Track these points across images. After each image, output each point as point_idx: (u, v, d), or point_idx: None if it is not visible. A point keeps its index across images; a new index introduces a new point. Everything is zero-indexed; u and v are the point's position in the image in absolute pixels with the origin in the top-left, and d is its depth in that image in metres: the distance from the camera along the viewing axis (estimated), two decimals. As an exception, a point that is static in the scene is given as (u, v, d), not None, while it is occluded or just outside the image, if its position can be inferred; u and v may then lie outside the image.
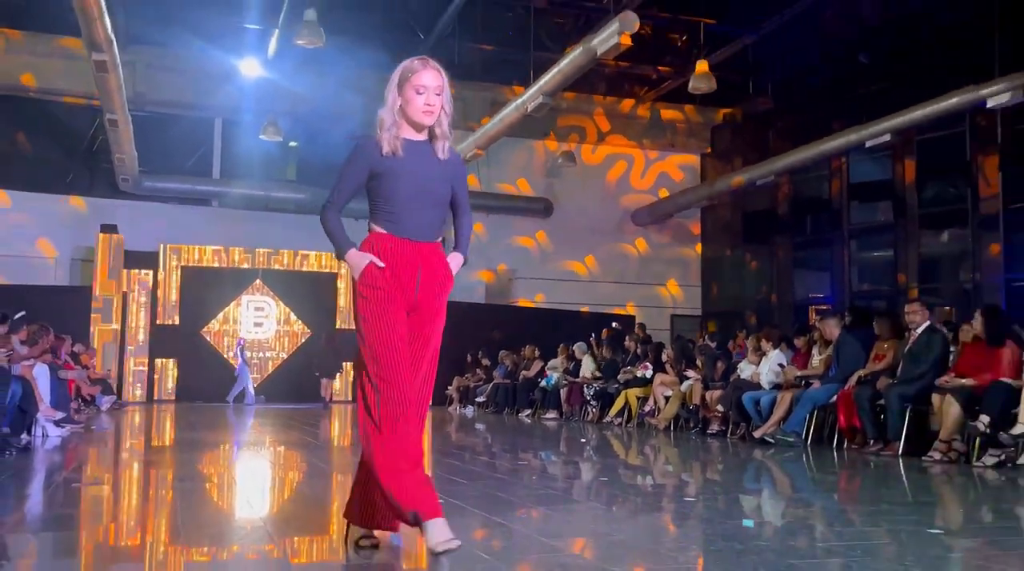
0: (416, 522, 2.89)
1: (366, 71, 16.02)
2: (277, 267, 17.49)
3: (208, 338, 17.03)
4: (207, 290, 16.86)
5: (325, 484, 5.74)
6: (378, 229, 3.15)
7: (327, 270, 17.69)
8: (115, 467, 6.67)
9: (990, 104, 11.18)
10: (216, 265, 17.10)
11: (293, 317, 17.53)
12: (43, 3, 13.70)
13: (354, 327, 3.16)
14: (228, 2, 14.07)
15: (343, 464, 6.90)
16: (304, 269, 17.66)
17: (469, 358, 16.70)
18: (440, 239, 3.23)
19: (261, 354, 17.16)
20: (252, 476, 6.23)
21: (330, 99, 16.05)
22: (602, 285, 18.21)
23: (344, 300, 17.64)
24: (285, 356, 17.33)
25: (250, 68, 15.55)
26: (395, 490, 2.92)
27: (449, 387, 16.50)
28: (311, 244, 17.61)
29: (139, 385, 16.29)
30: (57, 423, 8.09)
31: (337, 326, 17.56)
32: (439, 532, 2.86)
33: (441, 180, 3.20)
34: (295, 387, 16.71)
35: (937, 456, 6.76)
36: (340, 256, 3.17)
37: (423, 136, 3.19)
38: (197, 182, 17.55)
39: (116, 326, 16.01)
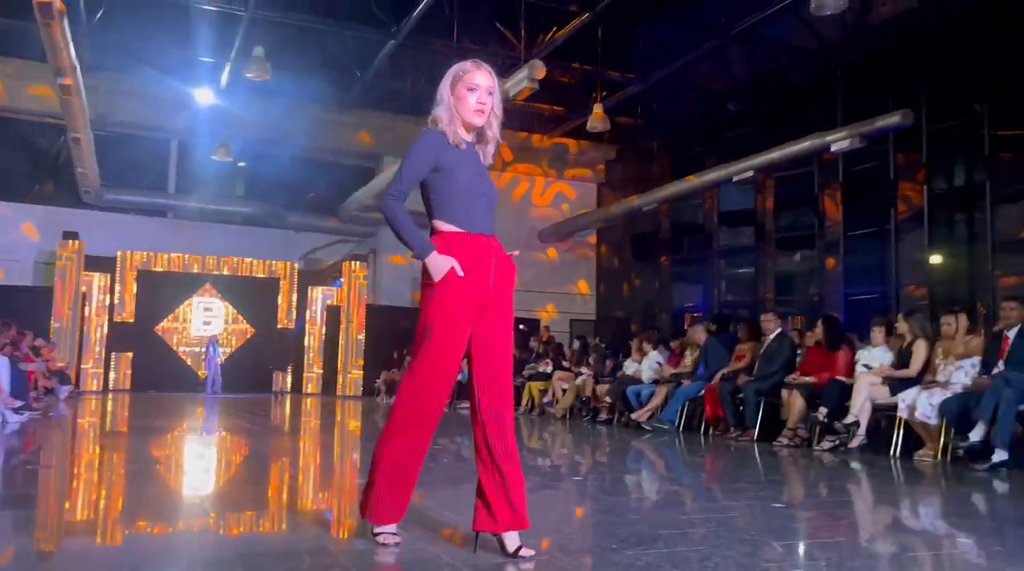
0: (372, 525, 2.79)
1: (308, 102, 15.84)
2: (225, 272, 17.15)
3: (161, 335, 16.61)
4: (161, 292, 16.43)
5: (263, 467, 5.63)
6: (448, 227, 2.71)
7: (270, 276, 17.40)
8: (70, 451, 6.42)
9: (833, 148, 11.61)
10: (170, 270, 16.69)
11: (239, 317, 17.21)
12: (14, 30, 13.11)
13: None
14: (185, 37, 13.70)
15: (282, 449, 6.78)
16: (249, 275, 17.33)
17: (395, 354, 16.57)
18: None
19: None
20: (197, 459, 6.08)
21: (275, 125, 15.82)
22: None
23: (283, 301, 17.38)
24: (231, 351, 16.98)
25: (204, 96, 15.18)
26: (379, 494, 2.74)
27: (377, 380, 16.34)
28: (255, 252, 17.32)
29: (96, 377, 15.74)
30: (16, 411, 7.75)
31: (279, 325, 17.31)
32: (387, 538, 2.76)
33: (489, 182, 2.83)
34: (242, 379, 16.39)
35: (785, 441, 7.01)
36: (420, 256, 2.66)
37: (471, 138, 2.81)
38: (154, 195, 17.07)
39: (75, 323, 15.42)
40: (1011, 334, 5.94)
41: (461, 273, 2.63)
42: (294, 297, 17.49)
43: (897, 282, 12.41)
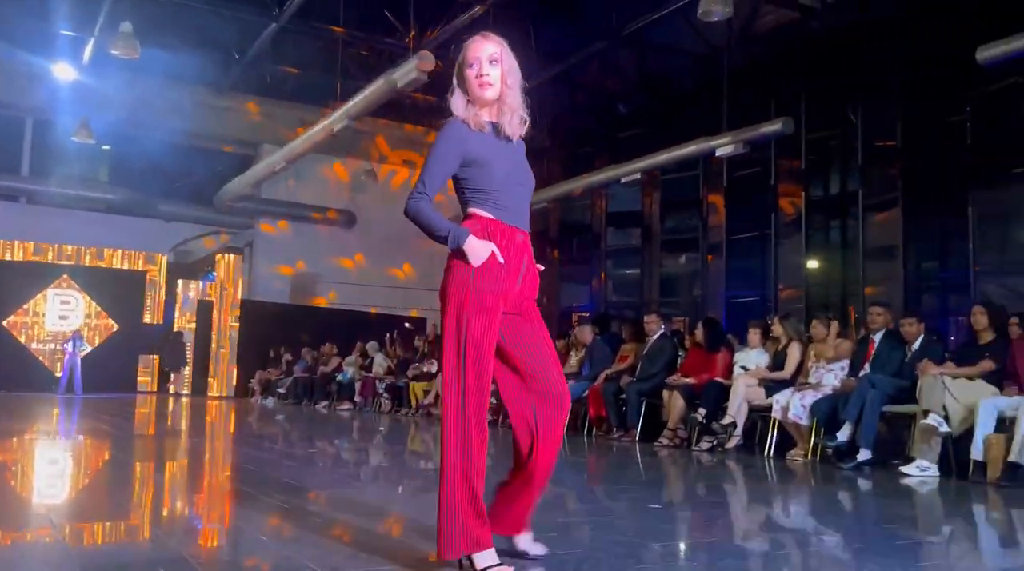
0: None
1: (181, 83, 15.24)
2: (86, 263, 16.27)
3: (10, 330, 15.59)
4: (11, 283, 15.43)
5: (123, 473, 5.38)
6: (487, 214, 2.50)
7: (135, 268, 16.65)
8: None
9: (718, 153, 12.08)
10: (21, 259, 15.69)
11: (101, 312, 16.36)
12: None
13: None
14: (42, 7, 12.94)
15: (146, 453, 6.51)
16: (112, 266, 16.51)
17: (272, 353, 16.18)
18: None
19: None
20: (49, 464, 5.75)
21: (145, 107, 15.15)
22: (397, 290, 18.14)
23: (151, 298, 16.66)
24: (90, 349, 16.12)
25: (64, 72, 14.36)
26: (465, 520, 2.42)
27: (252, 380, 15.91)
28: (120, 243, 16.53)
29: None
30: None
31: (144, 320, 16.58)
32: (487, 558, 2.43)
33: (523, 164, 2.61)
34: (104, 378, 15.58)
35: (665, 442, 7.25)
36: (455, 242, 2.41)
37: (493, 115, 2.56)
38: (5, 178, 16.00)
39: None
40: (877, 338, 6.35)
41: (502, 259, 2.44)
42: (162, 291, 16.79)
43: (775, 285, 13.03)
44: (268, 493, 4.23)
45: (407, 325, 14.79)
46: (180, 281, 17.00)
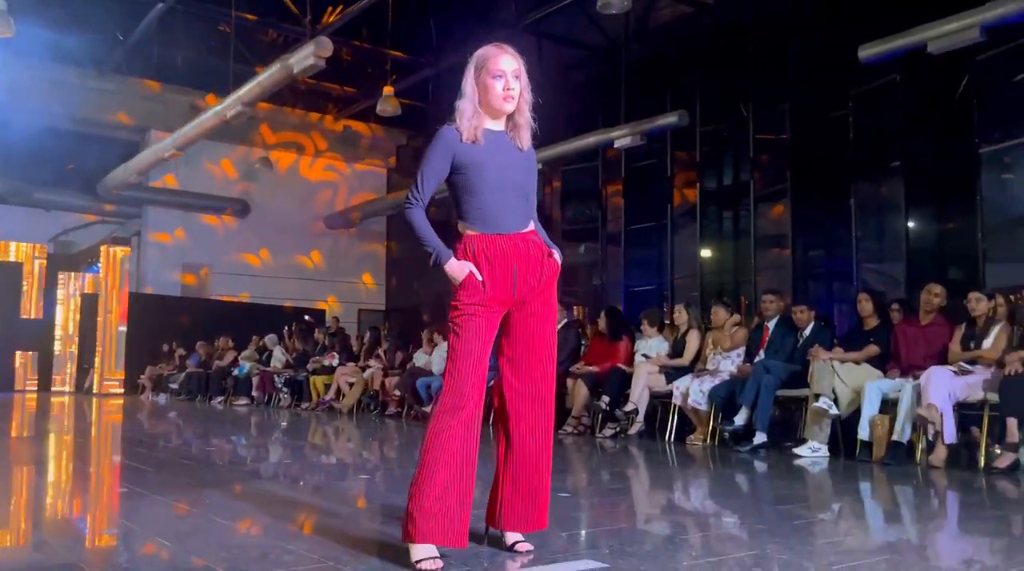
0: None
1: (61, 65, 14.45)
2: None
3: None
4: None
5: (2, 478, 5.07)
6: (470, 230, 2.64)
7: (11, 259, 15.72)
8: None
9: (617, 144, 12.27)
10: None
11: (-27, 306, 15.40)
12: None
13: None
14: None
15: (24, 456, 6.15)
16: (-12, 258, 15.57)
17: (164, 348, 15.58)
18: (532, 227, 2.73)
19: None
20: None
21: (20, 88, 14.25)
22: (295, 281, 17.74)
23: (29, 288, 15.80)
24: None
25: (-71, 49, 13.38)
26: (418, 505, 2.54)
27: (142, 376, 15.29)
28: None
29: None
30: None
31: (23, 315, 15.68)
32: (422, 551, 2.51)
33: (524, 170, 2.72)
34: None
35: (570, 429, 7.34)
36: (438, 263, 2.61)
37: (502, 126, 2.72)
38: None
39: None
40: (771, 325, 6.59)
41: (479, 277, 2.60)
42: (41, 284, 15.91)
43: (672, 274, 13.36)
44: (162, 493, 4.07)
45: (307, 317, 14.49)
46: (60, 273, 16.15)
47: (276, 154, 17.36)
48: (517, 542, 2.77)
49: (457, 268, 2.60)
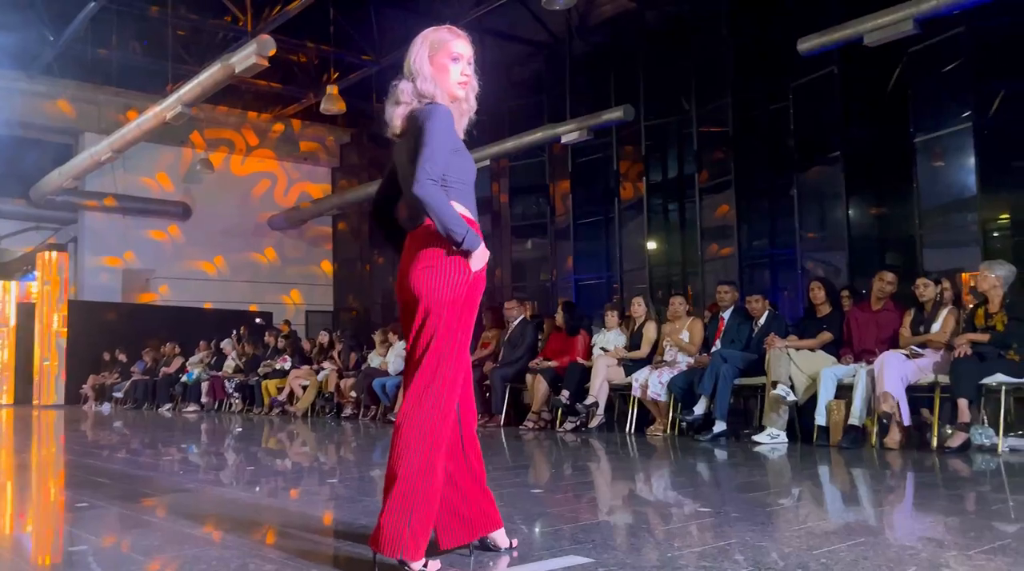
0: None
1: (-13, 66, 13.93)
2: None
3: None
4: None
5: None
6: (465, 213, 2.46)
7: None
8: None
9: (563, 140, 12.32)
10: None
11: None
12: None
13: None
14: None
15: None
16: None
17: (106, 356, 15.15)
18: None
19: None
20: None
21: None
22: (239, 284, 17.41)
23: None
24: None
25: None
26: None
27: (84, 385, 14.84)
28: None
29: None
30: None
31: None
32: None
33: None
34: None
35: (531, 425, 7.35)
36: (471, 245, 2.39)
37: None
38: None
39: None
40: (726, 315, 6.69)
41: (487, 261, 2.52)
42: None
43: (621, 267, 13.47)
44: (123, 506, 3.95)
45: (258, 320, 14.23)
46: (-5, 282, 15.60)
47: (216, 155, 17.00)
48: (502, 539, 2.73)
49: (485, 254, 2.47)
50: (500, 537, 2.72)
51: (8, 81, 14.48)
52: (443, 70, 2.51)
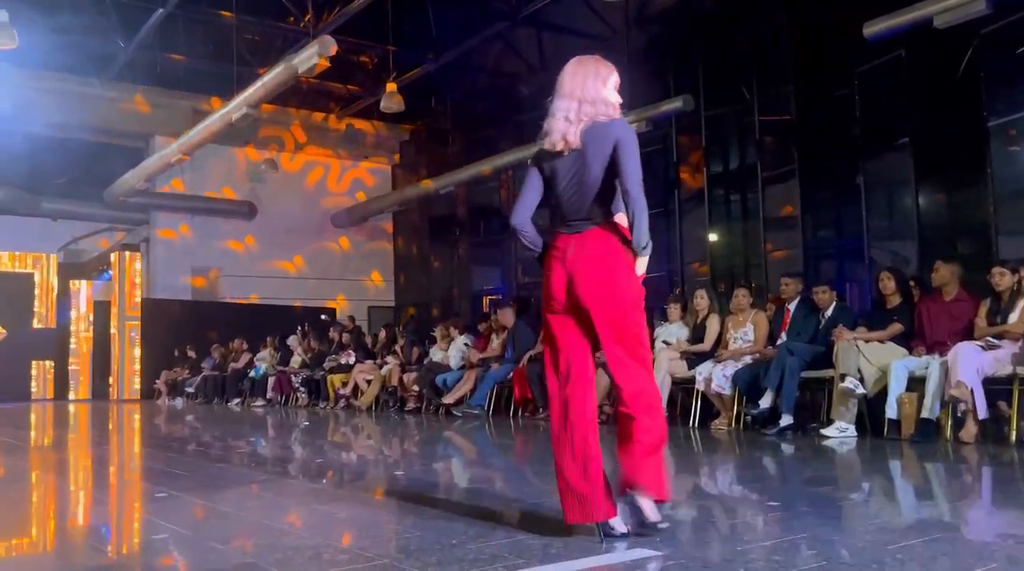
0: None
1: (63, 74, 14.43)
2: (-33, 267, 15.29)
3: None
4: None
5: (26, 487, 5.07)
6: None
7: (22, 270, 15.72)
8: None
9: (622, 132, 12.18)
10: None
11: (-14, 318, 15.42)
12: None
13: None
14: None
15: (47, 462, 6.16)
16: (-3, 269, 15.58)
17: (177, 352, 15.60)
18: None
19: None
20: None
21: (24, 99, 14.23)
22: (305, 281, 17.72)
23: (40, 297, 15.82)
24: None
25: (-68, 64, 13.33)
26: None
27: (157, 380, 15.31)
28: (4, 243, 15.60)
29: None
30: None
31: (34, 324, 15.70)
32: None
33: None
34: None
35: (593, 419, 7.33)
36: (649, 251, 2.75)
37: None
38: None
39: None
40: (792, 307, 6.57)
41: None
42: (53, 293, 15.92)
43: (682, 259, 13.33)
44: (200, 496, 4.07)
45: (322, 317, 14.49)
46: (71, 281, 16.15)
47: (280, 154, 17.32)
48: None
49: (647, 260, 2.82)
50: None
51: (83, 87, 14.98)
52: (612, 95, 2.87)
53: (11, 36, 11.00)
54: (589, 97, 2.81)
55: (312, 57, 10.56)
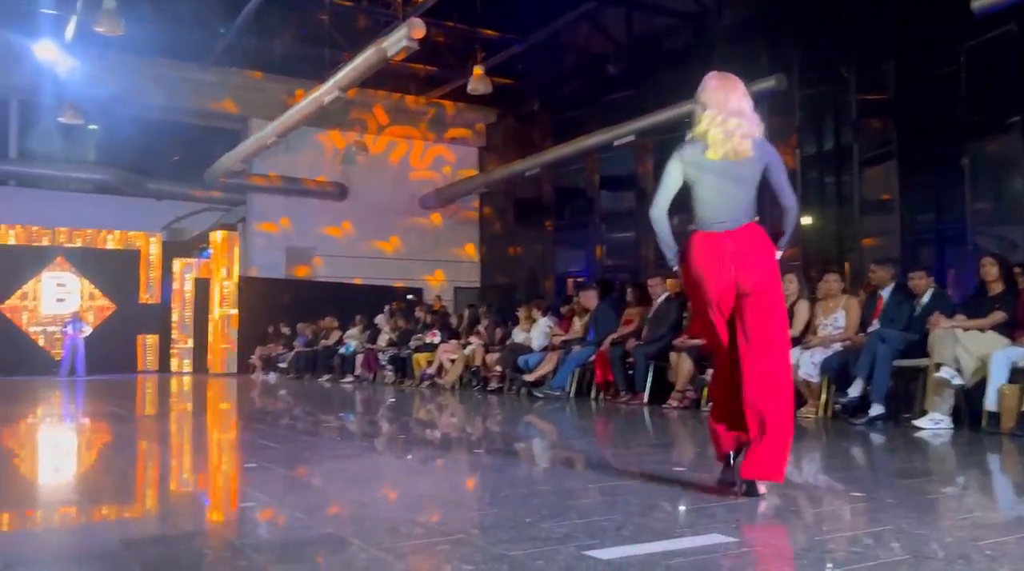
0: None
1: (166, 59, 15.00)
2: (79, 244, 16.11)
3: (8, 314, 15.45)
4: (6, 268, 15.27)
5: (132, 452, 5.35)
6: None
7: (129, 248, 16.50)
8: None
9: (712, 113, 11.92)
10: (14, 243, 15.50)
11: (96, 293, 16.23)
12: None
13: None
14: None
15: (150, 433, 6.47)
16: (106, 247, 16.36)
17: (271, 328, 16.13)
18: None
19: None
20: (59, 447, 5.71)
21: (129, 84, 14.86)
22: (392, 261, 18.02)
23: (145, 274, 16.58)
24: (90, 330, 15.99)
25: (46, 51, 13.99)
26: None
27: (252, 356, 15.87)
28: (112, 223, 16.38)
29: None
30: None
31: (141, 300, 16.46)
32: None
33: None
34: (103, 359, 15.48)
35: (674, 404, 7.25)
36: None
37: None
38: (-8, 162, 15.79)
39: None
40: (885, 294, 6.34)
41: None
42: (157, 270, 16.65)
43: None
44: (287, 466, 4.21)
45: (409, 296, 14.73)
46: (174, 259, 16.87)
47: (370, 137, 17.60)
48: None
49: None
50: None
51: (184, 72, 15.54)
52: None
53: (117, 23, 11.51)
54: (747, 114, 3.22)
55: (401, 40, 10.69)
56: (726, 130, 3.18)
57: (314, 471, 4.17)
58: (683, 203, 3.41)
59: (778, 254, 3.22)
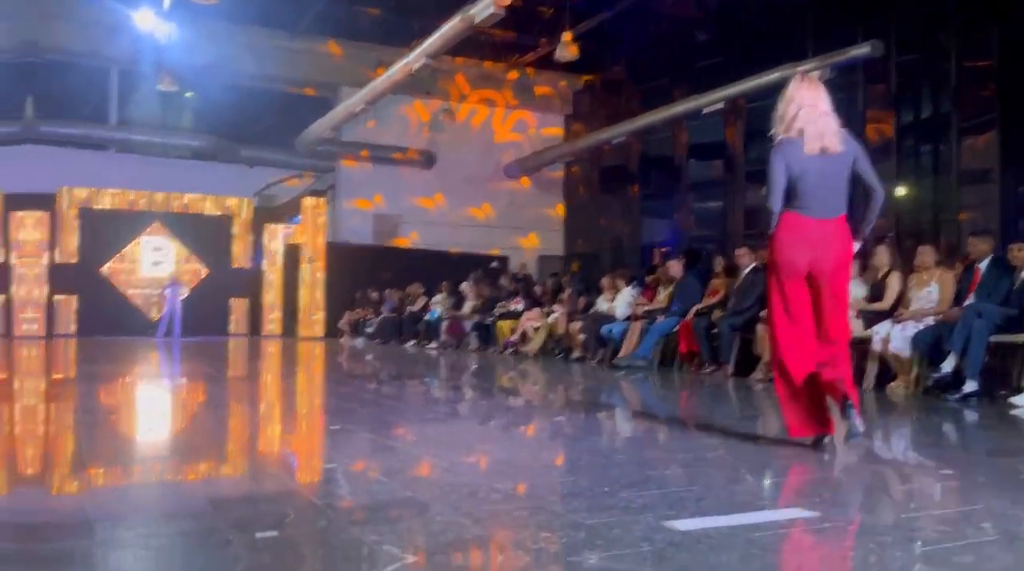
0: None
1: (259, 27, 15.35)
2: (174, 209, 16.70)
3: (108, 276, 16.19)
4: (105, 231, 15.91)
5: (223, 412, 5.59)
6: None
7: (222, 213, 17.02)
8: (8, 399, 6.22)
9: (803, 79, 11.57)
10: (114, 207, 16.18)
11: (191, 257, 16.84)
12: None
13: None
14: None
15: (240, 394, 6.74)
16: (200, 212, 16.91)
17: (358, 294, 16.49)
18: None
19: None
20: (152, 406, 6.02)
21: (224, 52, 15.25)
22: (477, 229, 18.13)
23: (238, 239, 17.06)
24: (186, 293, 16.63)
25: (144, 20, 14.44)
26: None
27: (340, 320, 16.29)
28: (206, 188, 16.89)
29: (34, 322, 15.22)
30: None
31: (233, 265, 16.98)
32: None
33: None
34: (197, 321, 16.09)
35: (760, 376, 7.15)
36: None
37: None
38: (94, 128, 16.49)
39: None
40: (982, 267, 6.10)
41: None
42: (249, 235, 17.14)
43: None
44: (370, 430, 4.34)
45: (493, 264, 14.81)
46: (266, 225, 17.35)
47: (457, 105, 17.67)
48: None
49: None
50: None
51: (275, 40, 15.86)
52: None
53: (212, -7, 11.82)
54: (832, 112, 3.58)
55: (488, 7, 10.69)
56: (820, 127, 3.52)
57: (397, 435, 4.30)
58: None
59: (857, 245, 3.63)
